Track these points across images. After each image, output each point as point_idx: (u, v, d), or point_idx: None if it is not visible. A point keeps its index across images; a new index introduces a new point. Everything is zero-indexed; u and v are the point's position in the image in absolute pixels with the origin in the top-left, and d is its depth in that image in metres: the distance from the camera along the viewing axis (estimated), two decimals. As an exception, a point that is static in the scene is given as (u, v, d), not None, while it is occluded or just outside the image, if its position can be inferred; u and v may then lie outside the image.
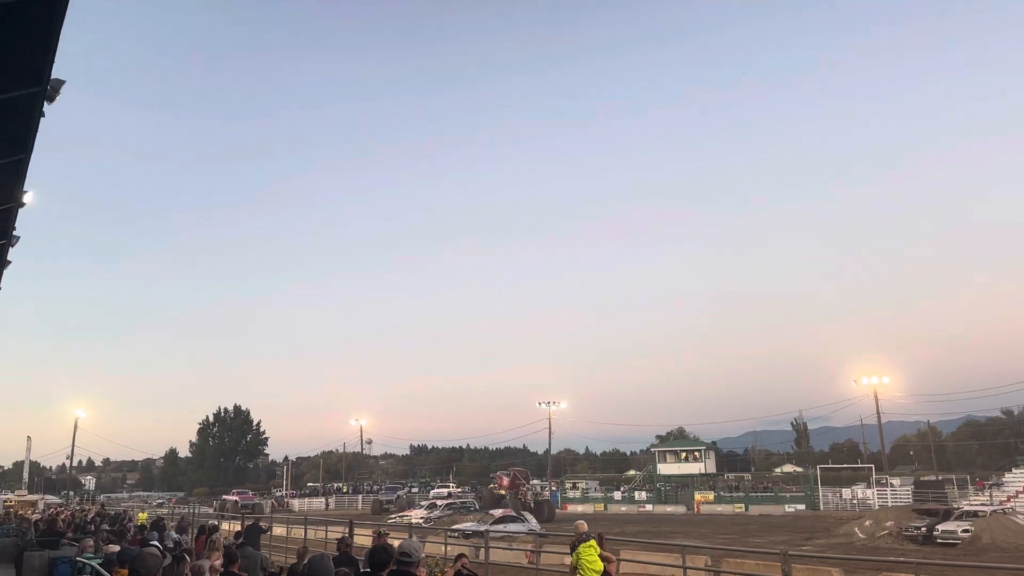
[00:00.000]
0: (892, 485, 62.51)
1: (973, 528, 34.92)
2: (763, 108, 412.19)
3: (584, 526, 11.35)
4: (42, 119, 9.37)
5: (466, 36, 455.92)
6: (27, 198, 11.76)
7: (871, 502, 58.50)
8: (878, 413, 70.39)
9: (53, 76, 8.28)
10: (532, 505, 52.71)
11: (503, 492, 57.51)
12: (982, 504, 42.66)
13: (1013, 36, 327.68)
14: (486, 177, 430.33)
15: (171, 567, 5.76)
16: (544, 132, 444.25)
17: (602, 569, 9.61)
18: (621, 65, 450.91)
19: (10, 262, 14.97)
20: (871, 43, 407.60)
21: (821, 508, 61.29)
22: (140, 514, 37.95)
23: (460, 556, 8.67)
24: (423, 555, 7.93)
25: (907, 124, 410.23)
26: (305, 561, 8.49)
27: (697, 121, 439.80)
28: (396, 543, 7.73)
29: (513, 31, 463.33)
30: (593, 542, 10.10)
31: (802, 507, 62.33)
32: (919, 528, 36.60)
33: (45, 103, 8.96)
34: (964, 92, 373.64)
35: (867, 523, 40.04)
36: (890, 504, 54.01)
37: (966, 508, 40.59)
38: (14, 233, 13.37)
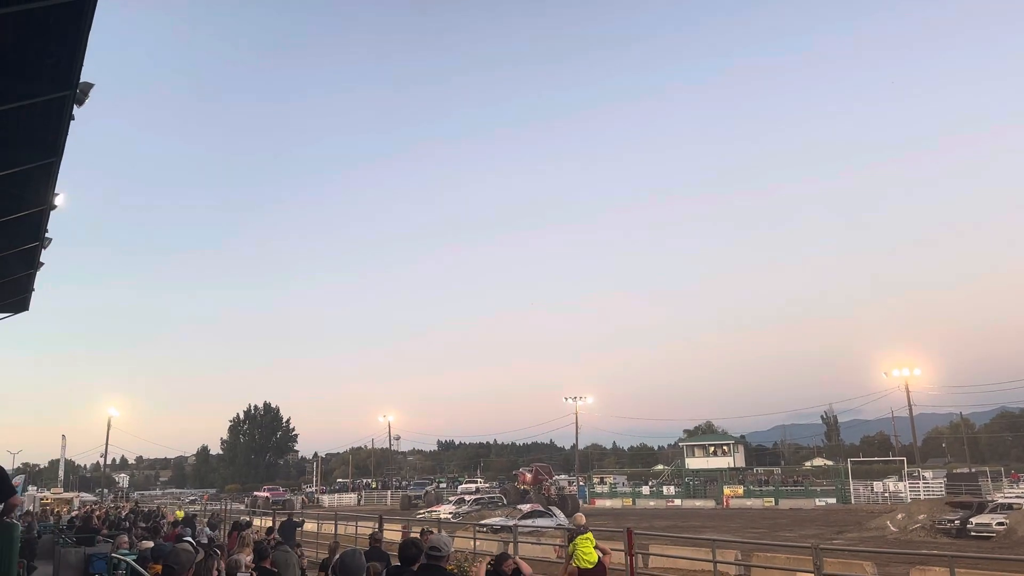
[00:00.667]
0: (924, 478, 61.63)
1: (1008, 521, 34.32)
2: (797, 96, 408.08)
3: (582, 519, 11.90)
4: (72, 122, 9.53)
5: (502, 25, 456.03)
6: (59, 200, 11.97)
7: (903, 495, 57.72)
8: (909, 405, 69.54)
9: (82, 80, 8.41)
10: (556, 500, 52.73)
11: (526, 488, 57.78)
12: (1017, 497, 41.86)
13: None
14: (511, 172, 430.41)
15: (203, 563, 5.83)
16: (572, 124, 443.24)
17: (596, 560, 9.94)
18: (628, 58, 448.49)
19: (43, 264, 15.23)
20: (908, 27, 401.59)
21: (852, 502, 60.65)
22: (177, 511, 38.47)
23: (504, 556, 8.59)
24: (452, 550, 7.96)
25: (946, 106, 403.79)
26: (337, 556, 8.56)
27: (727, 110, 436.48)
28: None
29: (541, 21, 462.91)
30: (590, 535, 10.52)
31: (833, 501, 61.70)
32: (952, 521, 36.08)
33: (75, 106, 9.10)
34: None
35: (899, 516, 39.54)
36: (922, 497, 53.24)
37: (1000, 501, 39.91)
38: (46, 235, 13.62)
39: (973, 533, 34.47)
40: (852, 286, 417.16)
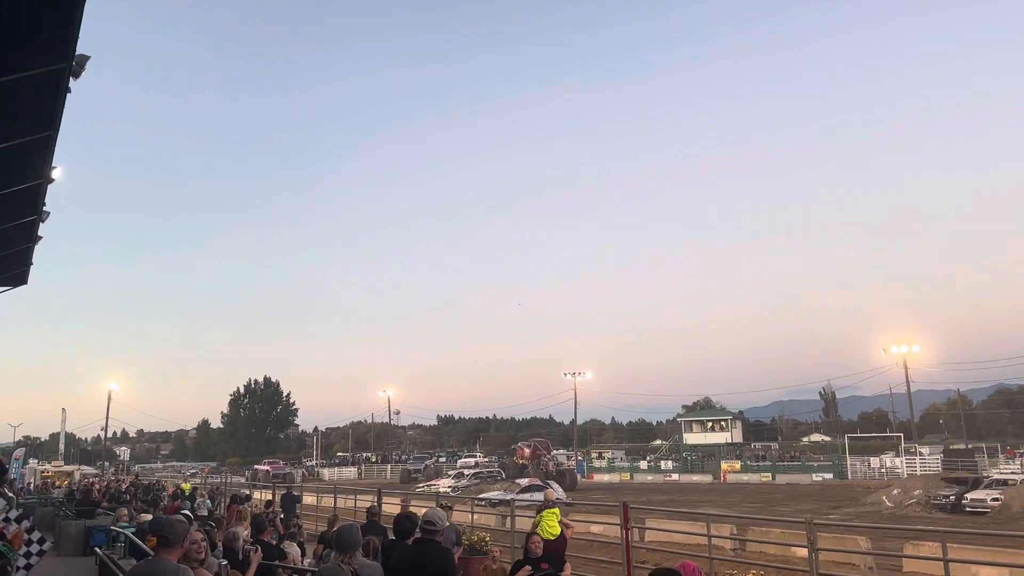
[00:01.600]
0: (921, 454, 61.99)
1: (1003, 497, 34.53)
2: (802, 74, 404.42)
3: (553, 495, 13.18)
4: (68, 95, 9.46)
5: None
6: (56, 174, 11.92)
7: (899, 471, 58.06)
8: (907, 382, 69.69)
9: (78, 52, 8.35)
10: (554, 474, 53.14)
11: (525, 462, 58.30)
12: (1012, 472, 42.13)
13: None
14: (512, 154, 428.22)
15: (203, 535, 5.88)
16: (561, 101, 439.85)
17: (559, 532, 10.79)
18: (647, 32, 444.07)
19: (41, 237, 15.21)
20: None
21: (849, 477, 61.00)
22: (184, 484, 38.71)
23: (532, 535, 8.65)
24: (448, 524, 8.03)
25: (954, 83, 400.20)
26: (335, 529, 8.65)
27: (727, 89, 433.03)
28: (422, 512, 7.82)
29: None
30: (556, 510, 11.41)
31: (830, 476, 62.07)
32: (948, 497, 36.32)
33: (71, 79, 9.04)
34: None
35: (895, 492, 39.78)
36: (919, 473, 53.58)
37: (996, 477, 40.16)
38: (44, 209, 13.59)
39: (968, 509, 34.71)
40: (851, 263, 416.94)
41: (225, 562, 7.10)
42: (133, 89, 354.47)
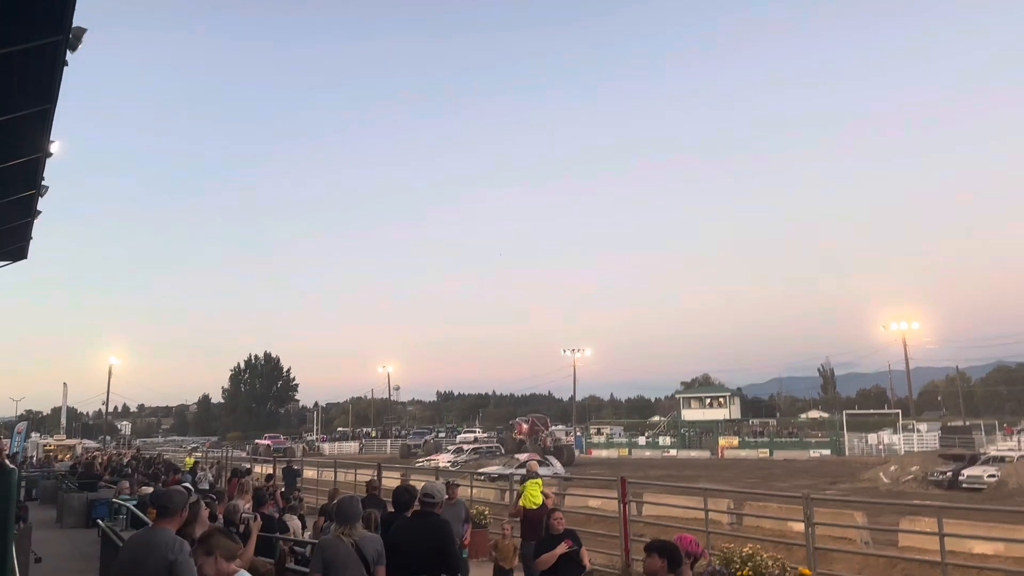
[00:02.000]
0: (919, 431, 62.21)
1: (999, 473, 34.72)
2: (800, 56, 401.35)
3: (536, 467, 13.57)
4: (66, 68, 9.39)
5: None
6: (54, 148, 11.85)
7: (897, 448, 58.33)
8: (906, 359, 69.79)
9: (74, 24, 8.27)
10: (552, 449, 53.54)
11: (522, 438, 58.78)
12: (1009, 449, 42.36)
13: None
14: (513, 129, 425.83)
15: (196, 504, 5.93)
16: (567, 81, 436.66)
17: (541, 502, 11.14)
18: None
19: (40, 211, 15.17)
20: None
21: (846, 453, 61.31)
22: (187, 458, 38.95)
23: (554, 511, 8.73)
24: (445, 497, 8.09)
25: (948, 65, 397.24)
26: (335, 501, 8.72)
27: (727, 71, 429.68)
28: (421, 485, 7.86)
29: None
30: (539, 481, 11.88)
31: (827, 452, 62.40)
32: (944, 473, 36.51)
33: (68, 52, 8.96)
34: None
35: (892, 468, 40.01)
36: (916, 450, 53.87)
37: (992, 453, 40.39)
38: (43, 183, 13.53)
39: (964, 485, 34.90)
40: (851, 240, 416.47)
41: (227, 534, 7.16)
42: (130, 59, 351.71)
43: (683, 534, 6.18)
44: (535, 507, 11.15)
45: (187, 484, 13.62)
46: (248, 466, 31.59)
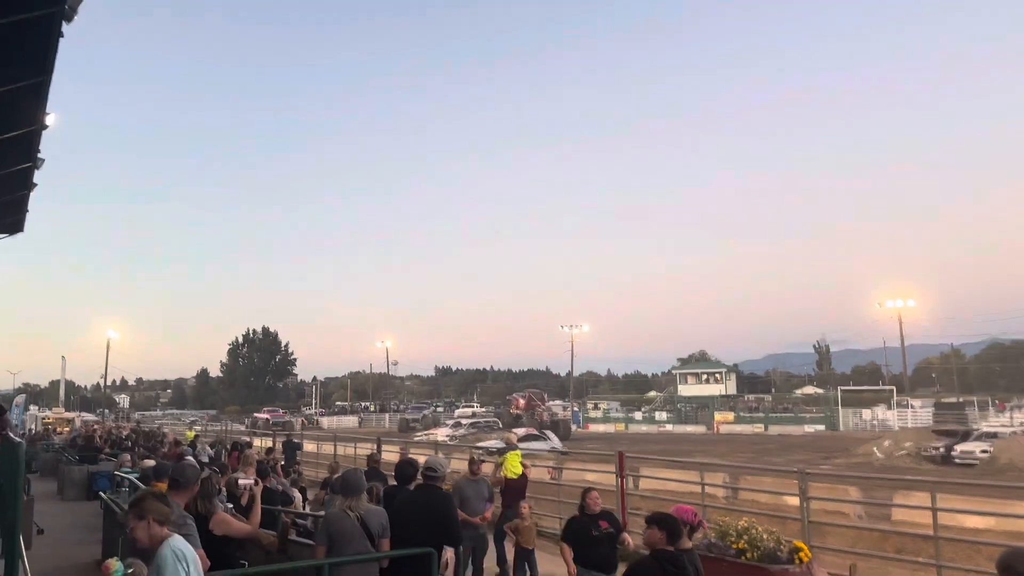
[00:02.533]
0: (913, 407, 62.67)
1: (992, 449, 35.01)
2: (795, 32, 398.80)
3: (514, 439, 14.29)
4: (61, 40, 9.30)
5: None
6: (50, 120, 11.76)
7: (891, 423, 58.78)
8: (901, 336, 70.24)
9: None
10: (549, 424, 53.90)
11: (519, 413, 59.15)
12: (1002, 425, 42.73)
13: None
14: (510, 103, 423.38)
15: (208, 479, 6.00)
16: (567, 51, 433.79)
17: (520, 472, 11.74)
18: None
19: (36, 184, 15.09)
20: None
21: (841, 429, 61.76)
22: (188, 432, 39.09)
23: (590, 491, 8.73)
24: (448, 470, 8.16)
25: (952, 33, 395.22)
26: (338, 474, 8.79)
27: (717, 39, 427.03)
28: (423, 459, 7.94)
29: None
30: (519, 452, 12.46)
31: (822, 428, 62.87)
32: (938, 448, 36.82)
33: (63, 23, 8.87)
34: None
35: (886, 443, 40.31)
36: (910, 425, 54.28)
37: (985, 429, 40.70)
38: (39, 156, 13.45)
39: (958, 460, 35.22)
40: (847, 216, 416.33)
41: (231, 506, 7.24)
42: (126, 30, 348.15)
43: (681, 505, 6.26)
44: (516, 476, 11.74)
45: (190, 458, 13.72)
46: (248, 439, 31.77)
